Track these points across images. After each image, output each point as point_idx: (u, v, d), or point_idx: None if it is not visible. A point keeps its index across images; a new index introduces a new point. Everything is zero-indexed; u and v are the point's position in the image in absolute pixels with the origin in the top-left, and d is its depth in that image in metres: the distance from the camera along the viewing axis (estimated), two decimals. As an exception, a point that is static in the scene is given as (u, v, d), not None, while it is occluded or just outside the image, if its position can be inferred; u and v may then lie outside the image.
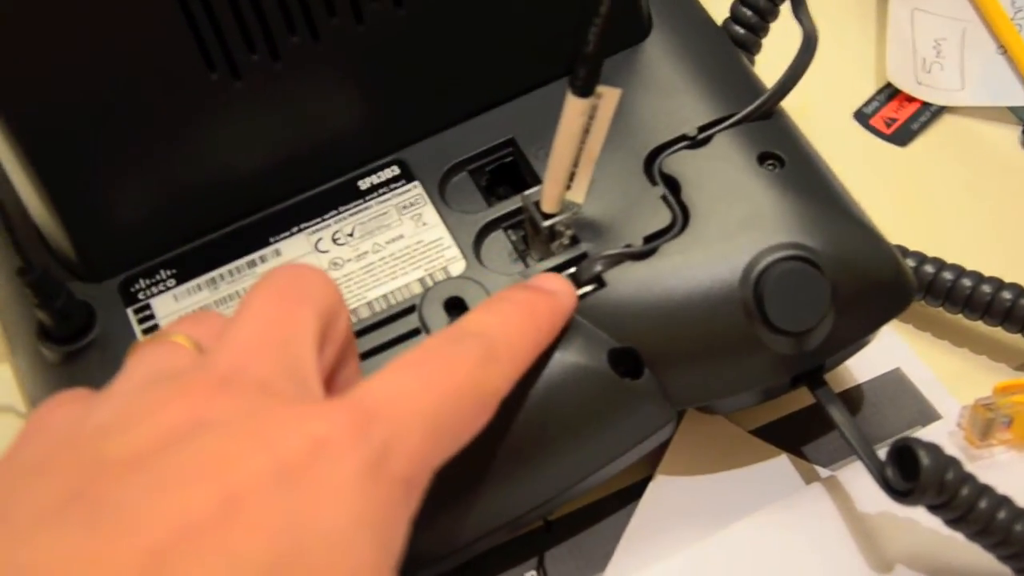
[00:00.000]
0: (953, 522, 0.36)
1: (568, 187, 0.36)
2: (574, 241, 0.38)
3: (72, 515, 0.23)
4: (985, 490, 0.36)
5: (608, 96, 0.34)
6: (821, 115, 0.52)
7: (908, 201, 0.50)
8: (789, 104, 0.42)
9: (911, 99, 0.53)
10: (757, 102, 0.40)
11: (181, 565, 0.22)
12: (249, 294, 0.29)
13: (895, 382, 0.44)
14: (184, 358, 0.29)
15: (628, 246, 0.37)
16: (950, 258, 0.44)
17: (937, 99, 0.52)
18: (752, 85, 0.42)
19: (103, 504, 0.23)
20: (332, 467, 0.24)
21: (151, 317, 0.38)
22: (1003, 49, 0.53)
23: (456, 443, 0.29)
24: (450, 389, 0.28)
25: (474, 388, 0.29)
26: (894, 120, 0.52)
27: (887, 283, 0.38)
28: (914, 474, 0.35)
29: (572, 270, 0.37)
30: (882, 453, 0.37)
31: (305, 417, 0.25)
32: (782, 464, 0.42)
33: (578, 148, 0.35)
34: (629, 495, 0.41)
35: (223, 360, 0.27)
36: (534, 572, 0.40)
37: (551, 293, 0.35)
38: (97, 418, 0.26)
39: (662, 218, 0.38)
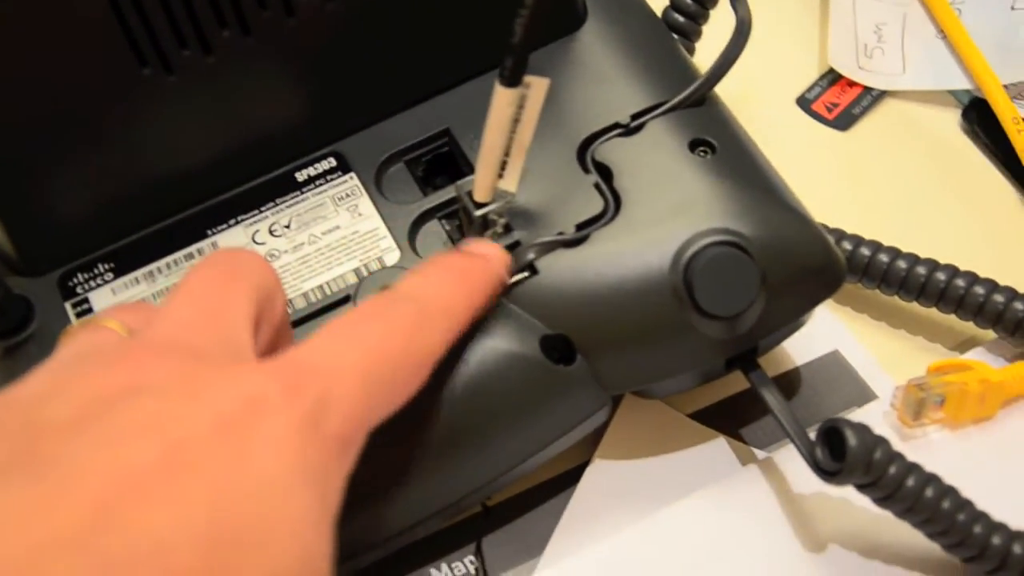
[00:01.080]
0: (882, 500, 0.37)
1: (500, 176, 0.37)
2: (507, 229, 0.38)
3: (15, 472, 0.23)
4: (913, 468, 0.37)
5: (537, 86, 0.35)
6: (763, 101, 0.53)
7: (850, 185, 0.51)
8: (731, 90, 0.42)
9: (853, 84, 0.53)
10: (689, 89, 0.40)
11: (128, 513, 0.23)
12: (186, 275, 0.29)
13: (833, 364, 0.45)
14: (113, 339, 0.29)
15: (560, 233, 0.38)
16: (892, 240, 0.45)
17: (878, 83, 0.53)
18: (686, 73, 0.42)
19: (46, 461, 0.23)
20: (268, 422, 0.25)
21: (90, 311, 0.38)
22: (942, 33, 0.54)
23: (392, 403, 0.29)
24: (384, 350, 0.29)
25: (408, 350, 0.30)
26: (836, 105, 0.53)
27: (817, 267, 0.39)
28: (842, 454, 0.36)
29: (505, 258, 0.38)
30: (818, 434, 0.38)
31: (239, 376, 0.26)
32: (719, 447, 0.42)
33: (508, 138, 0.36)
34: (567, 480, 0.41)
35: (157, 332, 0.28)
36: (472, 557, 0.40)
37: (483, 257, 0.35)
38: (31, 388, 0.26)
39: (594, 205, 0.38)
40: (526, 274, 0.37)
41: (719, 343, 0.38)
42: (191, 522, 0.23)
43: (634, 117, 0.40)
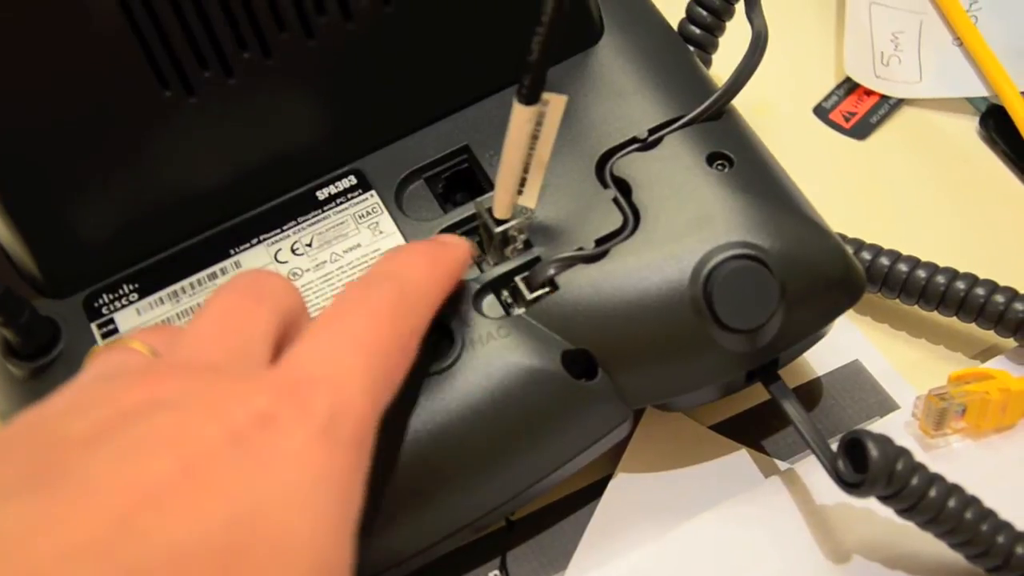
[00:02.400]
0: (905, 512, 0.37)
1: (520, 193, 0.37)
2: (527, 245, 0.38)
3: (36, 486, 0.24)
4: (935, 479, 0.37)
5: (555, 103, 0.35)
6: (781, 111, 0.53)
7: (868, 194, 0.51)
8: (748, 100, 0.42)
9: (870, 92, 0.53)
10: (706, 103, 0.40)
11: (147, 526, 0.23)
12: (210, 297, 0.30)
13: (853, 374, 0.45)
14: (138, 360, 0.30)
15: (580, 249, 0.38)
16: (911, 249, 0.45)
17: (895, 92, 0.53)
18: (703, 86, 0.42)
19: (66, 475, 0.24)
20: (285, 437, 0.26)
21: (115, 331, 0.38)
22: (959, 41, 0.54)
23: (390, 390, 0.30)
24: (377, 343, 0.30)
25: (396, 335, 0.31)
26: (853, 114, 0.53)
27: (837, 279, 0.39)
28: (864, 466, 0.36)
29: (525, 274, 0.38)
30: (840, 445, 0.38)
31: (250, 392, 0.27)
32: (741, 459, 0.42)
33: (527, 155, 0.36)
34: (590, 493, 0.42)
35: (179, 352, 0.29)
36: (497, 572, 0.40)
37: (448, 244, 0.36)
38: (54, 407, 0.27)
39: (613, 220, 0.39)
40: (547, 290, 0.38)
41: (740, 356, 0.38)
42: (208, 532, 0.24)
43: (652, 131, 0.40)
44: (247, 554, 0.24)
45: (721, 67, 0.47)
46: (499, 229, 0.38)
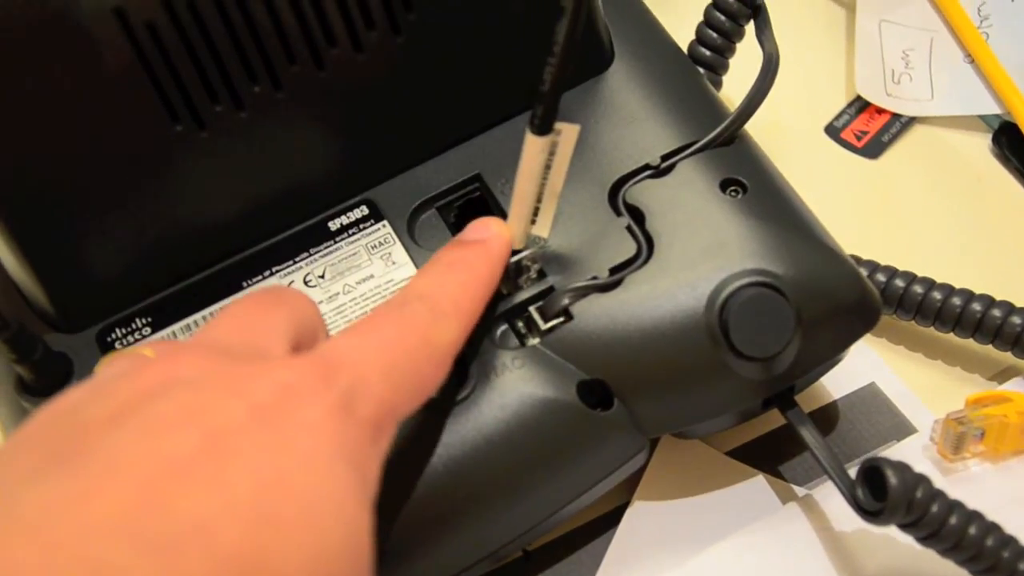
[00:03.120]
0: (925, 539, 0.37)
1: (533, 222, 0.37)
2: (541, 275, 0.38)
3: (60, 467, 0.24)
4: (955, 506, 0.36)
5: (567, 132, 0.35)
6: (792, 131, 0.53)
7: (881, 214, 0.50)
8: (760, 120, 0.42)
9: (881, 111, 0.53)
10: (718, 129, 0.40)
11: (173, 497, 0.23)
12: (227, 304, 0.30)
13: (870, 396, 0.45)
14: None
15: (594, 278, 0.38)
16: (925, 268, 0.45)
17: (907, 110, 0.53)
18: (715, 110, 0.42)
19: (90, 452, 0.24)
20: (304, 408, 0.26)
21: (128, 366, 0.38)
22: (970, 58, 0.53)
23: (418, 395, 0.31)
24: (403, 344, 0.30)
25: (427, 344, 0.31)
26: (865, 133, 0.53)
27: (852, 305, 0.39)
28: (883, 494, 0.36)
29: (540, 304, 0.38)
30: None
31: (271, 369, 0.27)
32: (759, 484, 0.42)
33: (540, 185, 0.36)
34: (607, 522, 0.41)
35: (194, 339, 0.29)
36: (514, 603, 0.40)
37: (481, 242, 0.36)
38: (74, 396, 0.27)
39: (627, 248, 0.38)
40: (561, 319, 0.37)
41: (756, 384, 0.38)
42: (234, 503, 0.24)
43: (664, 158, 0.40)
44: (276, 520, 0.24)
45: (732, 87, 0.47)
46: (513, 260, 0.37)
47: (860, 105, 0.54)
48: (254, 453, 0.25)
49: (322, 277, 0.39)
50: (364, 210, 0.40)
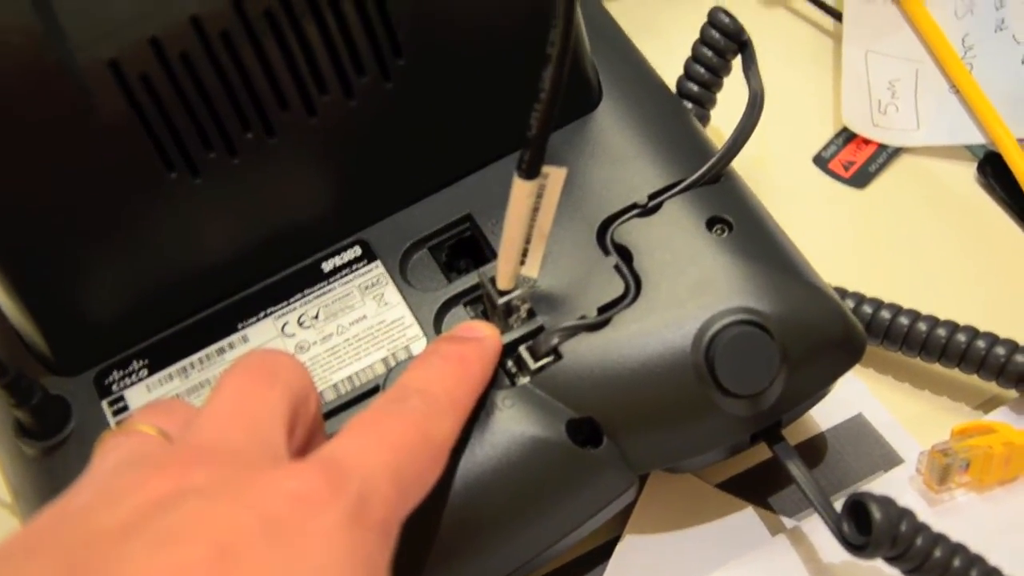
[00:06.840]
0: (911, 572, 0.37)
1: (522, 263, 0.38)
2: (531, 315, 0.39)
3: None
4: (939, 539, 0.37)
5: (555, 176, 0.35)
6: (780, 161, 0.54)
7: (869, 243, 0.51)
8: (748, 151, 0.42)
9: (868, 141, 0.54)
10: (704, 168, 0.41)
11: None
12: (222, 378, 0.31)
13: (857, 427, 0.45)
14: (152, 445, 0.30)
15: (583, 317, 0.39)
16: (911, 298, 0.45)
17: (893, 140, 0.54)
18: (702, 149, 0.43)
19: (103, 568, 0.24)
20: (315, 518, 0.26)
21: (125, 408, 0.39)
22: (955, 88, 0.54)
23: (419, 491, 0.31)
24: (405, 444, 0.31)
25: (427, 441, 0.32)
26: (852, 163, 0.53)
27: (837, 341, 0.39)
28: (868, 528, 0.36)
29: (529, 344, 0.38)
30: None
31: (280, 478, 0.27)
32: (748, 517, 0.43)
33: (529, 227, 0.36)
34: (599, 556, 0.42)
35: (197, 436, 0.29)
36: (508, 638, 0.41)
37: (477, 340, 0.37)
38: (79, 499, 0.27)
39: (615, 288, 0.39)
40: (551, 359, 0.38)
41: (743, 420, 0.38)
42: None
43: (651, 197, 0.41)
44: None
45: (720, 120, 0.47)
46: (502, 300, 0.38)
47: (847, 135, 0.54)
48: (266, 564, 0.25)
49: (316, 318, 0.40)
50: (357, 251, 0.41)
